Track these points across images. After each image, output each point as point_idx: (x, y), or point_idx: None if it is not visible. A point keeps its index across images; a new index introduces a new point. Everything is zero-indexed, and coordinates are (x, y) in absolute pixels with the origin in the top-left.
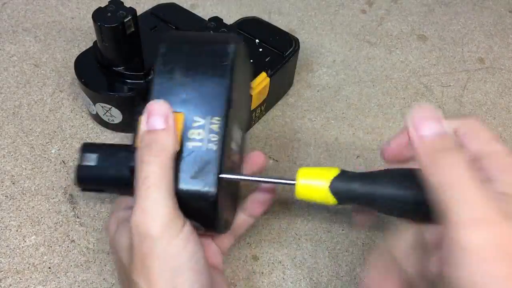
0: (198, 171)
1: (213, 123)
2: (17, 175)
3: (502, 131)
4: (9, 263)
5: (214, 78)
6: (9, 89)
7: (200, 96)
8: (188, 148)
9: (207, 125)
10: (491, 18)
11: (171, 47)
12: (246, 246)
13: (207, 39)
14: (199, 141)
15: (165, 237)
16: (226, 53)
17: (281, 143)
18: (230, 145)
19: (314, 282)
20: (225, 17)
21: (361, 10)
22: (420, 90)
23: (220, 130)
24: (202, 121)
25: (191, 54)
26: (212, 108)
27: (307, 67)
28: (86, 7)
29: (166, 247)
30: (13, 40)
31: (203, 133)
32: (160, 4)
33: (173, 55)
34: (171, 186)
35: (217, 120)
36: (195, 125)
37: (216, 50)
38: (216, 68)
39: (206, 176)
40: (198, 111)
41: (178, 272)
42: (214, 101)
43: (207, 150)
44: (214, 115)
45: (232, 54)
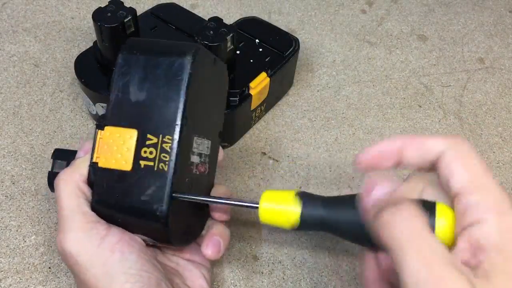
0: (149, 191)
1: (165, 142)
2: (17, 175)
3: (502, 131)
4: (9, 263)
5: (167, 94)
6: (9, 89)
7: (153, 113)
8: (140, 167)
9: (159, 144)
10: (491, 18)
11: (128, 58)
12: (246, 246)
13: (164, 49)
14: (151, 160)
15: (85, 249)
16: (181, 66)
17: (281, 143)
18: (189, 160)
19: (314, 282)
20: (225, 17)
21: (361, 10)
22: (420, 90)
23: (172, 150)
24: (155, 139)
25: (146, 66)
26: (165, 126)
27: (307, 67)
28: (86, 7)
29: (91, 257)
30: (13, 40)
31: (155, 152)
32: (160, 4)
33: (129, 68)
34: (81, 204)
35: (168, 139)
36: (148, 143)
37: (171, 64)
38: (170, 84)
39: (157, 197)
40: (151, 129)
41: (114, 277)
42: (167, 119)
43: (158, 170)
44: (166, 134)
45: (187, 67)
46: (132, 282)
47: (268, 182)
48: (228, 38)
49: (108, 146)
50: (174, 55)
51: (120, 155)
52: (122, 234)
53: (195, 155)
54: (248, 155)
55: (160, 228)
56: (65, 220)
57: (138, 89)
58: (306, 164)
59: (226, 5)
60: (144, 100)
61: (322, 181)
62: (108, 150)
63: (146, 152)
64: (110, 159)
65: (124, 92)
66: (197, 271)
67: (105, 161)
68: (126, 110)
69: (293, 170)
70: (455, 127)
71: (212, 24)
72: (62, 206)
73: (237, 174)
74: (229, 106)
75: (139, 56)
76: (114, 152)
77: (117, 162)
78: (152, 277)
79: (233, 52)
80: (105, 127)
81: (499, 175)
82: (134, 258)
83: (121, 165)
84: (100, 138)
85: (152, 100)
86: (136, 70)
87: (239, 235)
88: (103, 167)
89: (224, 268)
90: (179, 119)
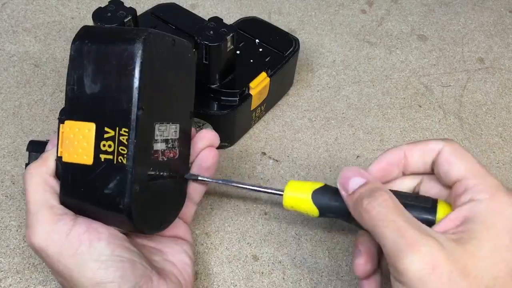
0: (111, 184)
1: (122, 135)
2: (17, 175)
3: (502, 131)
4: (9, 263)
5: (120, 85)
6: (9, 89)
7: (109, 105)
8: (101, 161)
9: (116, 137)
10: (491, 18)
11: (80, 49)
12: (246, 246)
13: (115, 37)
14: (111, 153)
15: (53, 242)
16: (132, 55)
17: (281, 143)
18: (151, 149)
19: (314, 282)
20: (225, 17)
21: (361, 10)
22: (420, 90)
23: (129, 143)
24: (112, 132)
25: (98, 57)
26: (120, 119)
27: (307, 67)
28: (86, 7)
29: (60, 249)
30: (13, 40)
31: (113, 145)
32: (160, 4)
33: (82, 59)
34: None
35: (125, 132)
36: (106, 136)
37: (122, 52)
38: (122, 74)
39: (119, 190)
40: (108, 121)
41: (85, 266)
42: (122, 110)
43: (117, 164)
44: (122, 126)
45: (138, 55)
46: (104, 268)
47: (268, 182)
48: (228, 38)
49: (69, 140)
50: (125, 43)
51: (81, 150)
52: (90, 223)
53: (159, 142)
54: (248, 155)
55: (126, 220)
56: (32, 214)
57: (92, 81)
58: (306, 164)
59: (226, 5)
60: (99, 92)
61: (322, 181)
62: (70, 144)
63: (105, 145)
64: (72, 154)
65: (79, 85)
66: (178, 248)
67: (67, 155)
68: (82, 104)
69: (293, 170)
70: (455, 127)
71: (212, 24)
72: (29, 201)
73: (237, 174)
74: (229, 106)
75: (90, 46)
76: (76, 146)
77: (78, 157)
78: (125, 259)
79: (233, 52)
80: (65, 121)
81: (499, 175)
82: (103, 245)
83: (82, 159)
84: (62, 132)
85: (106, 92)
86: (89, 61)
87: (239, 235)
88: (66, 162)
89: (224, 268)
90: (134, 110)
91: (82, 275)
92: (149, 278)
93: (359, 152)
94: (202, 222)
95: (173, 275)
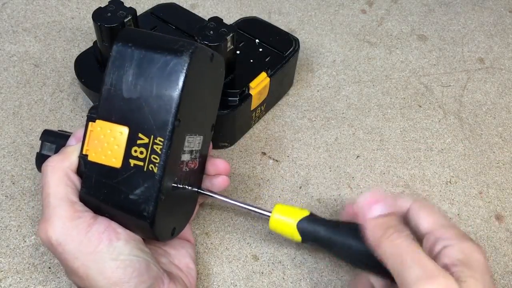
0: (138, 191)
1: (156, 144)
2: (17, 175)
3: (502, 131)
4: (9, 263)
5: (161, 95)
6: (9, 89)
7: (146, 112)
8: (130, 166)
9: (150, 145)
10: (491, 18)
11: (122, 51)
12: (246, 246)
13: (160, 45)
14: (141, 160)
15: (72, 238)
16: (177, 66)
17: (281, 143)
18: (179, 159)
19: (314, 282)
20: (225, 17)
21: (361, 10)
22: (420, 90)
23: (163, 152)
24: (146, 139)
25: (141, 62)
26: (157, 128)
27: (307, 67)
28: (86, 7)
29: (78, 246)
30: (13, 40)
31: (146, 152)
32: (160, 4)
33: (123, 61)
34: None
35: (160, 141)
36: (139, 143)
37: (167, 62)
38: (165, 84)
39: (145, 198)
40: (143, 128)
41: (104, 264)
42: (160, 120)
43: (147, 171)
44: (158, 136)
45: (184, 68)
46: (122, 267)
47: (268, 182)
48: (228, 38)
49: (98, 141)
50: (171, 53)
51: (110, 152)
52: (109, 222)
53: (186, 153)
54: (248, 155)
55: (147, 227)
56: (51, 208)
57: (132, 85)
58: (306, 164)
59: (226, 5)
60: (137, 98)
61: (322, 181)
62: (99, 145)
63: (136, 151)
64: (100, 154)
65: (116, 87)
66: (183, 251)
67: (95, 155)
68: (118, 106)
69: (293, 170)
70: (455, 127)
71: (212, 24)
72: (49, 193)
73: (237, 174)
74: (229, 106)
75: (134, 49)
76: (105, 148)
77: (106, 158)
78: (141, 260)
79: (233, 52)
80: (97, 120)
81: (499, 175)
82: (122, 244)
83: (110, 161)
84: (91, 130)
85: (145, 98)
86: (130, 65)
87: (239, 235)
88: (92, 161)
89: (224, 268)
90: (172, 121)
91: (100, 274)
92: (161, 280)
93: (359, 152)
94: (202, 222)
95: (180, 279)
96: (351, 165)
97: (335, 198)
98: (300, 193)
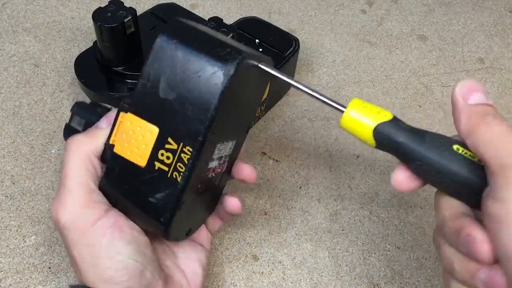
0: (158, 195)
1: (184, 152)
2: (17, 175)
3: None
4: (9, 263)
5: (198, 103)
6: (9, 89)
7: (179, 117)
8: (154, 168)
9: (178, 152)
10: (491, 18)
11: (166, 46)
12: (246, 246)
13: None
14: (167, 165)
15: (78, 226)
16: (221, 75)
17: (281, 143)
18: (206, 167)
19: (314, 282)
20: (225, 17)
21: (361, 10)
22: (420, 90)
23: (190, 163)
24: (175, 145)
25: (183, 63)
26: (188, 136)
27: (307, 67)
28: (86, 7)
29: (82, 236)
30: (13, 40)
31: (172, 158)
32: (160, 4)
33: (165, 59)
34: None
35: (188, 151)
36: (167, 147)
37: (210, 69)
38: (204, 92)
39: (164, 204)
40: (173, 133)
41: (98, 260)
42: (192, 128)
43: (171, 178)
44: (187, 145)
45: (226, 79)
46: (115, 268)
47: (268, 182)
48: None
49: (126, 135)
50: (216, 59)
51: (137, 149)
52: (118, 218)
53: (215, 160)
54: (248, 155)
55: (161, 230)
56: (67, 190)
57: (169, 86)
58: (306, 164)
59: (226, 5)
60: (173, 100)
61: (322, 181)
62: (126, 139)
63: (163, 155)
64: (126, 150)
65: (153, 84)
66: (194, 255)
67: (121, 148)
68: (152, 104)
69: (293, 170)
70: None
71: (212, 24)
72: (68, 175)
73: None
74: None
75: (178, 46)
76: (132, 144)
77: (132, 155)
78: (138, 265)
79: None
80: (128, 112)
81: None
82: (123, 245)
83: (136, 159)
84: (121, 121)
85: (181, 102)
86: (172, 64)
87: (239, 235)
88: (117, 154)
89: (224, 268)
90: (204, 133)
91: (92, 267)
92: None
93: (359, 152)
94: None
95: (180, 286)
96: (351, 165)
97: (335, 198)
98: (300, 193)
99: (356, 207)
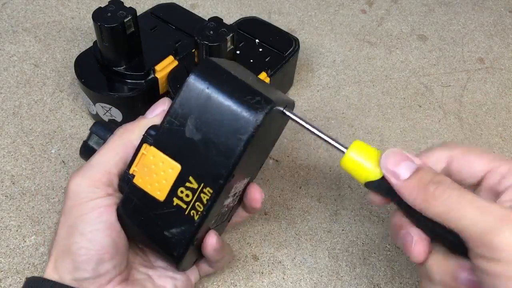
0: (174, 230)
1: (203, 193)
2: (17, 175)
3: (502, 131)
4: (9, 263)
5: (222, 147)
6: (9, 89)
7: (202, 158)
8: (172, 204)
9: (198, 192)
10: (491, 18)
11: (197, 86)
12: (246, 246)
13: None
14: (185, 203)
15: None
16: (249, 124)
17: (281, 143)
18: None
19: (314, 282)
20: (225, 17)
21: (361, 10)
22: (420, 90)
23: (208, 204)
24: (195, 184)
25: (213, 108)
26: (209, 177)
27: (307, 67)
28: (86, 7)
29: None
30: (13, 40)
31: (191, 197)
32: (160, 4)
33: (195, 99)
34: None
35: (208, 192)
36: (187, 185)
37: (239, 116)
38: (229, 137)
39: (179, 239)
40: (195, 172)
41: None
42: (214, 170)
43: (188, 216)
44: (208, 185)
45: (254, 128)
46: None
47: (268, 182)
48: (228, 38)
49: (148, 169)
50: (245, 108)
51: (157, 184)
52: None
53: (230, 197)
54: None
55: (172, 263)
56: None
57: (196, 127)
58: (306, 164)
59: (226, 5)
60: (198, 141)
61: (322, 181)
62: (147, 173)
63: (182, 192)
64: (147, 183)
65: (180, 122)
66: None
67: (141, 181)
68: (177, 141)
69: (293, 170)
70: (455, 127)
71: (212, 24)
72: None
73: None
74: None
75: (209, 89)
76: (153, 178)
77: (152, 188)
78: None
79: (233, 52)
80: (151, 146)
81: None
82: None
83: (155, 193)
84: (143, 154)
85: (206, 145)
86: (201, 107)
87: (239, 235)
88: (137, 185)
89: (224, 268)
90: (226, 177)
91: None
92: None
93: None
94: None
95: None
96: None
97: (335, 198)
98: (300, 193)
99: (356, 207)
